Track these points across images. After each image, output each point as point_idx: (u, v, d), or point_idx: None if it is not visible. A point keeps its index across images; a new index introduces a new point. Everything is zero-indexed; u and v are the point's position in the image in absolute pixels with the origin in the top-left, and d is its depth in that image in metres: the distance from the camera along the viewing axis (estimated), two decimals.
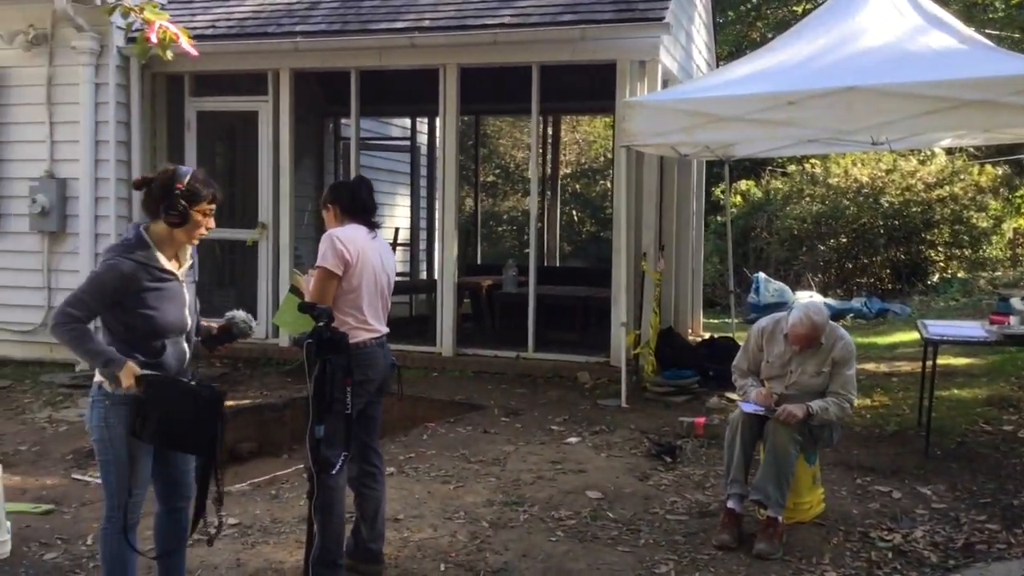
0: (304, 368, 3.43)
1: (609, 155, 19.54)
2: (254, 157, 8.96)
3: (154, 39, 3.61)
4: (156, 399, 3.10)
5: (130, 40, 8.26)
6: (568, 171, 20.08)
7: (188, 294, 3.34)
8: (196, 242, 3.33)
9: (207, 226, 3.29)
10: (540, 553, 4.30)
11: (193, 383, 3.23)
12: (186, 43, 3.70)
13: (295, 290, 4.12)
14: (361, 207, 4.08)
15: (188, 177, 3.22)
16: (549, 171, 13.68)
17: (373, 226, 4.10)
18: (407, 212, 13.05)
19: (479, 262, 13.78)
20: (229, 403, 3.56)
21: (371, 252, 3.99)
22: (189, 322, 3.34)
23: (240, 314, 3.47)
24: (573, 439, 6.21)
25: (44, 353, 8.57)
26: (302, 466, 5.12)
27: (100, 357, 3.12)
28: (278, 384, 7.88)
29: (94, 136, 8.48)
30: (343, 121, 11.81)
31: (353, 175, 8.72)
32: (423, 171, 13.12)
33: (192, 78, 9.01)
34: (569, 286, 10.01)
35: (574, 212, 21.21)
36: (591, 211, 21.49)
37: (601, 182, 21.78)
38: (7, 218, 8.71)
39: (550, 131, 13.41)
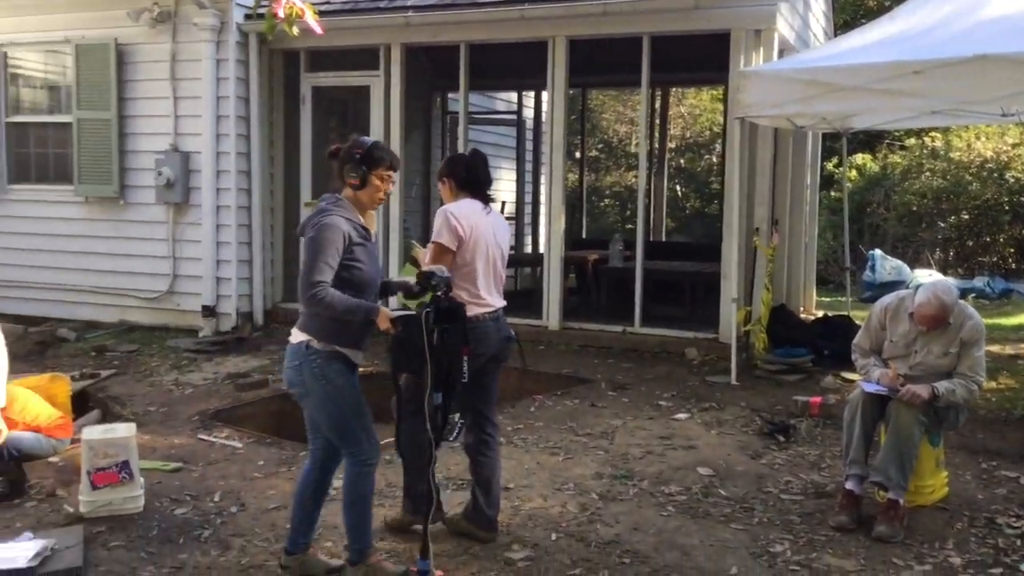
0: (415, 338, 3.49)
1: (716, 129, 19.14)
2: (366, 131, 9.08)
3: (281, 14, 3.70)
4: (411, 335, 3.40)
5: (258, 16, 8.43)
6: (672, 145, 19.73)
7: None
8: (378, 205, 3.64)
9: (385, 190, 3.61)
10: (651, 527, 4.29)
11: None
12: (311, 19, 3.79)
13: (413, 260, 4.20)
14: (476, 181, 4.11)
15: (368, 144, 3.56)
16: (656, 145, 13.48)
17: (487, 200, 4.13)
18: (512, 186, 13.08)
19: (584, 236, 13.73)
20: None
21: (484, 227, 4.02)
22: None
23: (436, 267, 3.64)
24: (682, 415, 6.16)
25: (170, 319, 8.99)
26: None
27: (360, 310, 3.43)
28: (387, 353, 8.02)
29: (215, 111, 8.77)
30: (450, 95, 11.90)
31: (460, 149, 8.78)
32: (528, 145, 13.13)
33: (307, 54, 9.21)
34: (675, 261, 9.89)
35: (678, 187, 20.88)
36: (696, 186, 21.10)
37: (707, 156, 21.35)
38: (134, 189, 9.11)
39: (658, 104, 13.19)
